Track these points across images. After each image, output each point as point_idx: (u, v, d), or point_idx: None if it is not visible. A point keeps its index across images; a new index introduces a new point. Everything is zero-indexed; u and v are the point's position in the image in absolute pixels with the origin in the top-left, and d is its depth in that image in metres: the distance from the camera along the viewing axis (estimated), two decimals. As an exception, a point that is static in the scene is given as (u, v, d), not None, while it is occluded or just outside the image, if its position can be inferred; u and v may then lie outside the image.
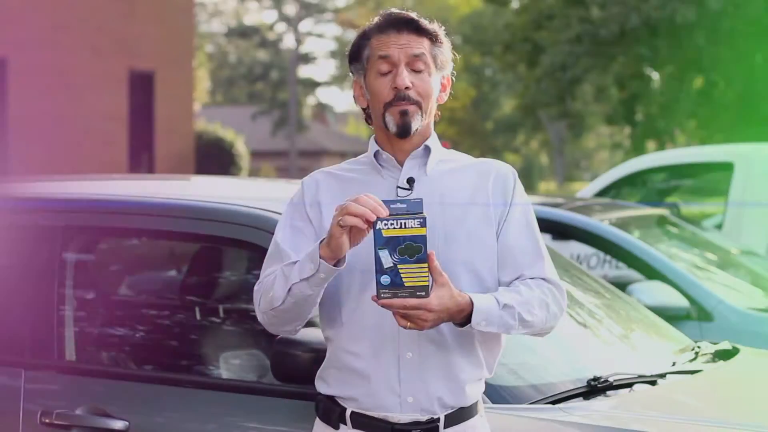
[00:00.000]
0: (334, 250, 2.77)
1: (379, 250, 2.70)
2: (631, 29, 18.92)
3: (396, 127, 2.92)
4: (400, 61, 2.93)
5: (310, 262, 2.80)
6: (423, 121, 2.94)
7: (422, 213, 2.72)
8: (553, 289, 2.96)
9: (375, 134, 3.03)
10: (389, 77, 2.93)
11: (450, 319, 2.80)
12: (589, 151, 58.37)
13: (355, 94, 3.04)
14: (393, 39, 2.95)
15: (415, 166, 2.97)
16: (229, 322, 4.67)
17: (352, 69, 3.04)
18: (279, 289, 2.87)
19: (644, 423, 3.29)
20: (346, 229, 2.74)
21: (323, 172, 3.05)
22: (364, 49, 2.99)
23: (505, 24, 23.15)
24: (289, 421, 3.36)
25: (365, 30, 3.01)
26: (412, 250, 2.71)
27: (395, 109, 2.92)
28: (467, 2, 43.67)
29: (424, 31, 2.97)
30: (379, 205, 2.72)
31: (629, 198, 8.82)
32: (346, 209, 2.73)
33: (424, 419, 2.90)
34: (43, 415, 3.57)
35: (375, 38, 2.98)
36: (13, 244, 3.88)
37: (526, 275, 2.95)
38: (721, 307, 5.61)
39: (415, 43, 2.95)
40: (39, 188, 4.34)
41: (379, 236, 2.70)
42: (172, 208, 3.78)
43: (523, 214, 3.00)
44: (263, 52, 52.42)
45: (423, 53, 2.95)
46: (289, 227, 2.98)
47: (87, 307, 4.25)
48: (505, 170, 3.02)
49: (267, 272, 2.96)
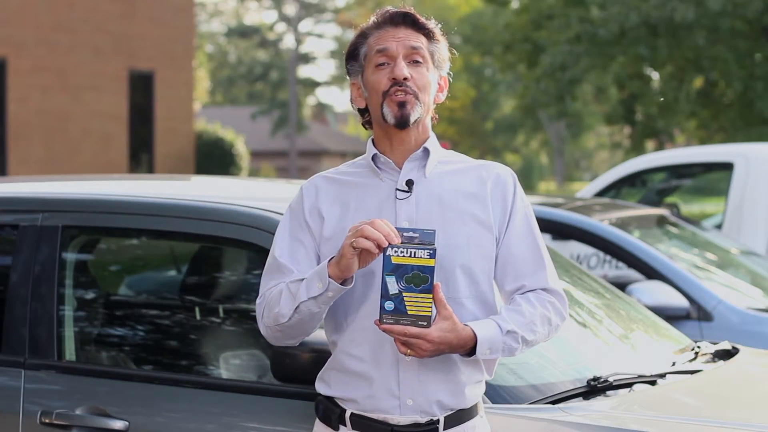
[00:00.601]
0: (343, 270, 2.79)
1: (386, 275, 2.74)
2: (631, 29, 18.91)
3: (394, 118, 2.91)
4: (398, 53, 2.92)
5: (319, 281, 2.82)
6: (421, 112, 2.93)
7: (433, 244, 2.76)
8: (554, 301, 2.96)
9: (373, 135, 3.02)
10: (387, 69, 2.93)
11: (450, 351, 2.81)
12: (589, 151, 58.39)
13: (353, 96, 3.03)
14: (391, 33, 2.95)
15: (414, 168, 2.96)
16: (229, 322, 4.67)
17: (349, 69, 3.02)
18: (285, 307, 2.88)
19: (644, 423, 3.29)
20: (358, 251, 2.76)
21: (322, 177, 3.04)
22: (362, 47, 2.99)
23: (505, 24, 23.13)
24: (289, 421, 3.36)
25: (363, 29, 3.01)
26: (419, 280, 2.74)
27: (393, 100, 2.90)
28: (467, 2, 43.67)
29: (421, 26, 2.97)
30: (392, 232, 2.75)
31: (629, 198, 8.83)
32: (361, 232, 2.75)
33: (423, 421, 2.90)
34: (43, 415, 3.57)
35: (372, 36, 2.97)
36: (13, 243, 3.89)
37: (527, 285, 2.96)
38: (721, 307, 5.61)
39: (413, 36, 2.95)
40: (38, 188, 4.34)
41: (388, 262, 2.74)
42: (172, 208, 3.78)
43: (524, 221, 2.99)
44: (263, 52, 52.45)
45: (420, 47, 2.94)
46: (288, 238, 2.98)
47: (87, 307, 4.25)
48: (505, 174, 3.01)
49: (268, 286, 2.97)
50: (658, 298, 5.56)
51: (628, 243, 5.93)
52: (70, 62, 19.69)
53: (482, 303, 2.94)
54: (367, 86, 2.97)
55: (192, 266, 4.73)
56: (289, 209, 3.03)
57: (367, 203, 2.94)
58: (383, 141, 2.98)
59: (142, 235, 4.22)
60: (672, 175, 9.36)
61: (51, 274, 3.78)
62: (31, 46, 19.01)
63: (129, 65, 20.78)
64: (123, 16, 20.62)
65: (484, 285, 2.94)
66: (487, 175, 2.99)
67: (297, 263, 2.94)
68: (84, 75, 19.89)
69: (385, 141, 2.98)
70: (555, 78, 20.19)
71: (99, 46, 20.16)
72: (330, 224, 2.94)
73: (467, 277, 2.91)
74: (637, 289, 5.59)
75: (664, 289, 5.64)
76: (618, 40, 19.34)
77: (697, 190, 12.37)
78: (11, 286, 3.81)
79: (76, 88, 19.75)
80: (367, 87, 2.97)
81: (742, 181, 7.84)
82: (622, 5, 19.05)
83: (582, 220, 6.05)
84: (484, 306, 2.94)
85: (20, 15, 18.79)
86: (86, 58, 19.94)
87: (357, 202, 2.95)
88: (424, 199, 2.93)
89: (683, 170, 9.20)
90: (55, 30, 19.39)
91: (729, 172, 8.03)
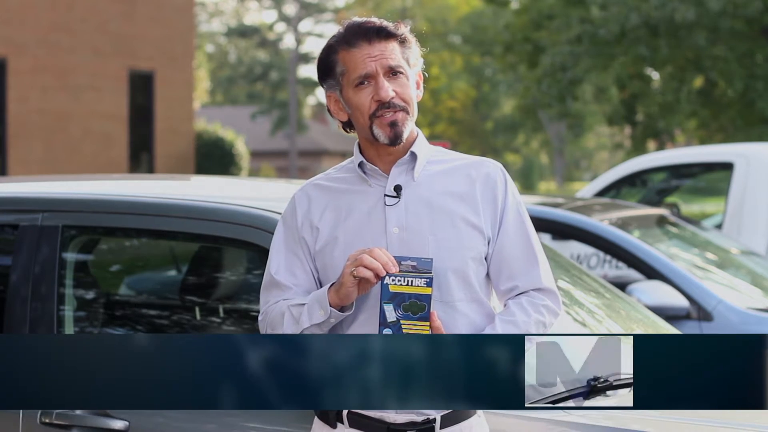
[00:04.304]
0: (342, 298, 2.84)
1: (384, 303, 2.79)
2: (632, 29, 18.92)
3: (387, 138, 2.90)
4: (378, 74, 2.90)
5: (320, 308, 2.86)
6: (412, 123, 2.93)
7: (430, 273, 2.80)
8: (548, 303, 2.97)
9: (359, 141, 3.00)
10: (369, 89, 2.90)
11: None
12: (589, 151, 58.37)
13: (332, 109, 3.00)
14: (366, 51, 2.90)
15: (402, 172, 2.95)
16: (229, 322, 4.67)
17: (324, 85, 2.99)
18: (289, 330, 2.92)
19: (644, 423, 3.29)
20: (357, 280, 2.80)
21: (314, 185, 3.03)
22: (336, 64, 2.94)
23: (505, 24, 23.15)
24: (289, 421, 3.36)
25: (331, 44, 2.96)
26: (416, 308, 2.79)
27: (383, 121, 2.89)
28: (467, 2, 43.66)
29: (392, 35, 2.93)
30: (390, 261, 2.79)
31: (629, 198, 8.82)
32: (361, 261, 2.78)
33: (419, 420, 2.90)
34: (43, 415, 3.57)
35: (345, 52, 2.93)
36: (13, 243, 3.88)
37: (521, 286, 2.96)
38: (721, 307, 5.61)
39: (388, 51, 2.91)
40: (38, 188, 4.34)
41: (386, 290, 2.79)
42: (172, 208, 3.78)
43: (516, 220, 2.98)
44: (263, 52, 52.44)
45: (397, 60, 2.91)
46: (284, 252, 3.00)
47: (87, 307, 4.25)
48: (494, 173, 2.98)
49: (269, 302, 2.99)
50: (658, 298, 5.56)
51: (628, 243, 5.92)
52: (70, 62, 19.69)
53: (476, 305, 2.94)
54: (349, 104, 2.95)
55: (192, 266, 4.73)
56: (283, 221, 3.04)
57: (357, 210, 2.94)
58: (369, 149, 2.97)
59: (142, 235, 4.21)
60: (672, 175, 9.36)
61: (51, 274, 3.78)
62: (31, 46, 19.01)
63: (129, 65, 20.78)
64: (123, 16, 20.62)
65: (477, 287, 2.94)
66: (476, 174, 2.97)
67: (294, 277, 2.98)
68: (84, 75, 19.89)
69: (371, 150, 2.97)
70: (555, 78, 20.19)
71: (99, 46, 20.16)
72: (323, 234, 2.95)
73: (460, 280, 2.91)
74: (637, 289, 5.59)
75: (664, 289, 5.64)
76: (618, 41, 19.35)
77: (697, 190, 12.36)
78: (11, 286, 3.80)
79: (76, 88, 19.75)
80: (350, 105, 2.94)
81: (742, 181, 7.84)
82: (623, 5, 19.06)
83: (582, 220, 6.05)
84: (478, 308, 2.94)
85: (20, 15, 18.79)
86: (86, 58, 19.94)
87: (347, 209, 2.95)
88: (413, 203, 2.93)
89: (683, 170, 9.20)
90: (55, 30, 19.39)
91: (729, 172, 8.03)
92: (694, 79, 20.53)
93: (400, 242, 2.89)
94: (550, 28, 20.74)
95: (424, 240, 2.89)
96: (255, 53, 52.77)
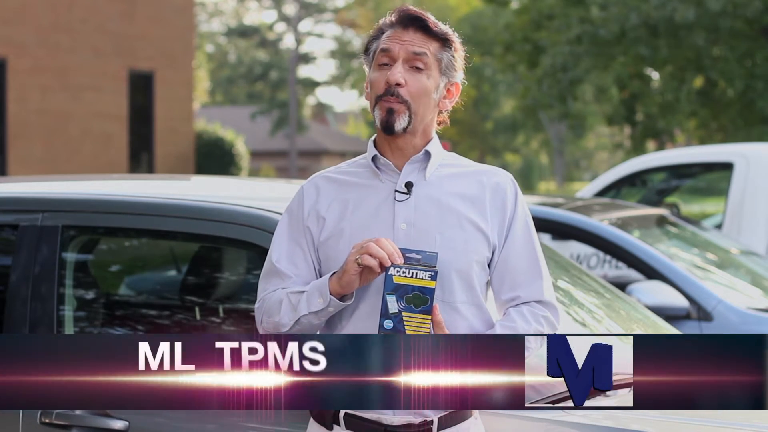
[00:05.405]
0: (344, 286, 2.82)
1: (387, 294, 2.78)
2: (631, 29, 18.92)
3: (380, 123, 2.92)
4: (398, 56, 2.91)
5: (320, 296, 2.85)
6: (411, 122, 2.92)
7: (435, 267, 2.79)
8: (548, 315, 2.97)
9: (376, 134, 3.02)
10: (386, 71, 2.92)
11: None
12: (589, 151, 58.37)
13: (366, 89, 3.04)
14: (398, 35, 2.93)
15: (414, 170, 2.96)
16: (229, 322, 4.66)
17: (364, 62, 3.03)
18: (286, 317, 2.90)
19: (644, 423, 3.28)
20: (361, 268, 2.78)
21: (323, 177, 3.04)
22: (374, 41, 2.99)
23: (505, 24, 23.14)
24: (289, 421, 3.36)
25: (380, 25, 3.00)
26: (419, 301, 2.78)
27: (384, 104, 2.91)
28: (467, 2, 43.66)
29: (432, 31, 2.95)
30: (395, 252, 2.78)
31: (629, 198, 8.82)
32: (366, 249, 2.77)
33: (417, 422, 2.89)
34: (43, 415, 3.57)
35: (384, 32, 2.97)
36: (13, 243, 3.88)
37: (522, 297, 2.96)
38: (721, 307, 5.61)
39: (419, 41, 2.93)
40: (38, 188, 4.34)
41: (389, 281, 2.78)
42: (172, 208, 3.78)
43: (524, 231, 2.99)
44: (263, 52, 52.42)
45: (425, 53, 2.92)
46: (286, 242, 2.99)
47: (87, 307, 4.24)
48: (505, 182, 2.99)
49: (267, 290, 2.98)
50: (658, 298, 5.56)
51: (628, 243, 5.92)
52: (70, 62, 19.69)
53: (476, 309, 2.94)
54: (369, 82, 2.98)
55: (192, 266, 4.73)
56: (288, 212, 3.03)
57: (365, 204, 2.94)
58: (383, 143, 2.98)
59: (142, 235, 4.21)
60: (672, 175, 9.36)
61: (51, 274, 3.78)
62: (31, 46, 19.00)
63: (129, 65, 20.78)
64: (123, 16, 20.61)
65: (478, 291, 2.94)
66: (487, 181, 2.98)
67: (295, 267, 2.96)
68: (84, 75, 19.89)
69: (384, 143, 2.98)
70: (556, 78, 20.19)
71: (99, 46, 20.16)
72: (329, 225, 2.94)
73: (463, 282, 2.91)
74: (637, 289, 5.59)
75: (664, 289, 5.64)
76: (618, 41, 19.35)
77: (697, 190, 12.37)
78: (11, 286, 3.80)
79: (76, 88, 19.75)
80: (369, 83, 2.98)
81: (742, 181, 7.84)
82: (623, 5, 19.06)
83: (582, 220, 6.05)
84: (478, 312, 2.94)
85: (20, 15, 18.79)
86: (86, 58, 19.94)
87: (356, 202, 2.95)
88: (422, 201, 2.92)
89: (683, 170, 9.20)
90: (55, 30, 19.39)
91: (729, 172, 8.04)
92: (694, 79, 20.52)
93: (407, 238, 2.89)
94: (550, 28, 20.73)
95: (431, 238, 2.89)
96: (255, 53, 52.75)
